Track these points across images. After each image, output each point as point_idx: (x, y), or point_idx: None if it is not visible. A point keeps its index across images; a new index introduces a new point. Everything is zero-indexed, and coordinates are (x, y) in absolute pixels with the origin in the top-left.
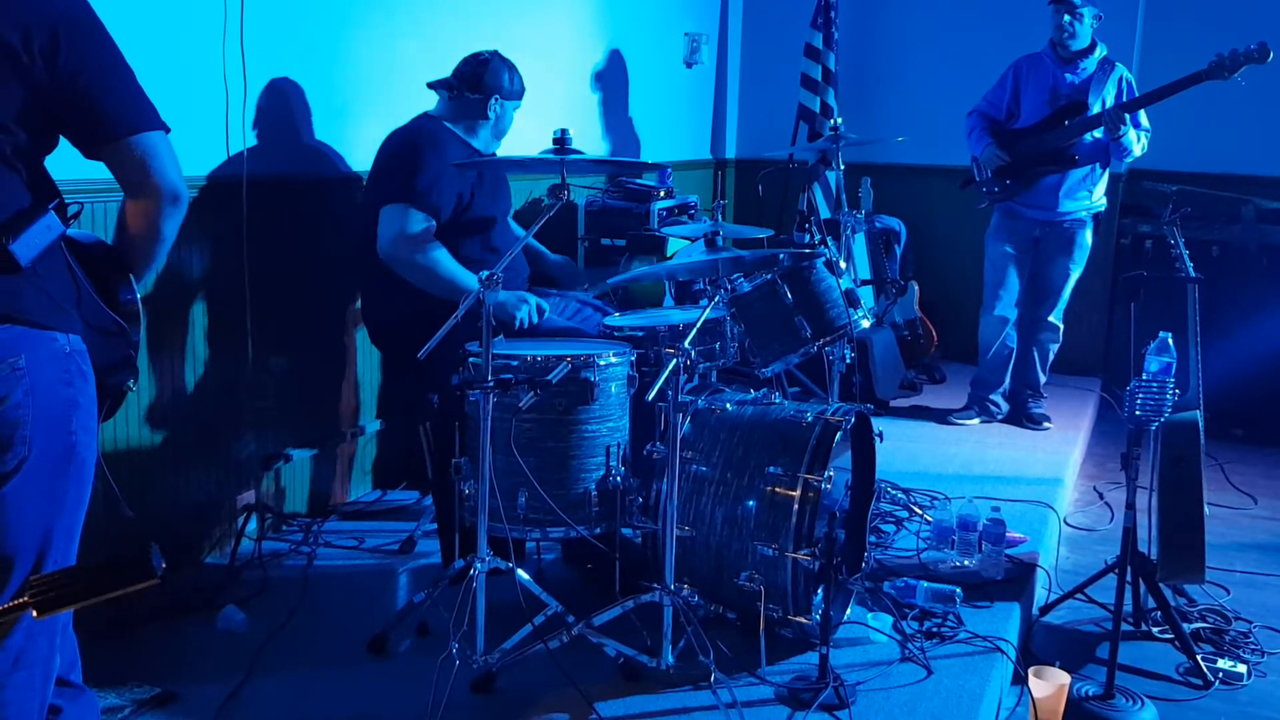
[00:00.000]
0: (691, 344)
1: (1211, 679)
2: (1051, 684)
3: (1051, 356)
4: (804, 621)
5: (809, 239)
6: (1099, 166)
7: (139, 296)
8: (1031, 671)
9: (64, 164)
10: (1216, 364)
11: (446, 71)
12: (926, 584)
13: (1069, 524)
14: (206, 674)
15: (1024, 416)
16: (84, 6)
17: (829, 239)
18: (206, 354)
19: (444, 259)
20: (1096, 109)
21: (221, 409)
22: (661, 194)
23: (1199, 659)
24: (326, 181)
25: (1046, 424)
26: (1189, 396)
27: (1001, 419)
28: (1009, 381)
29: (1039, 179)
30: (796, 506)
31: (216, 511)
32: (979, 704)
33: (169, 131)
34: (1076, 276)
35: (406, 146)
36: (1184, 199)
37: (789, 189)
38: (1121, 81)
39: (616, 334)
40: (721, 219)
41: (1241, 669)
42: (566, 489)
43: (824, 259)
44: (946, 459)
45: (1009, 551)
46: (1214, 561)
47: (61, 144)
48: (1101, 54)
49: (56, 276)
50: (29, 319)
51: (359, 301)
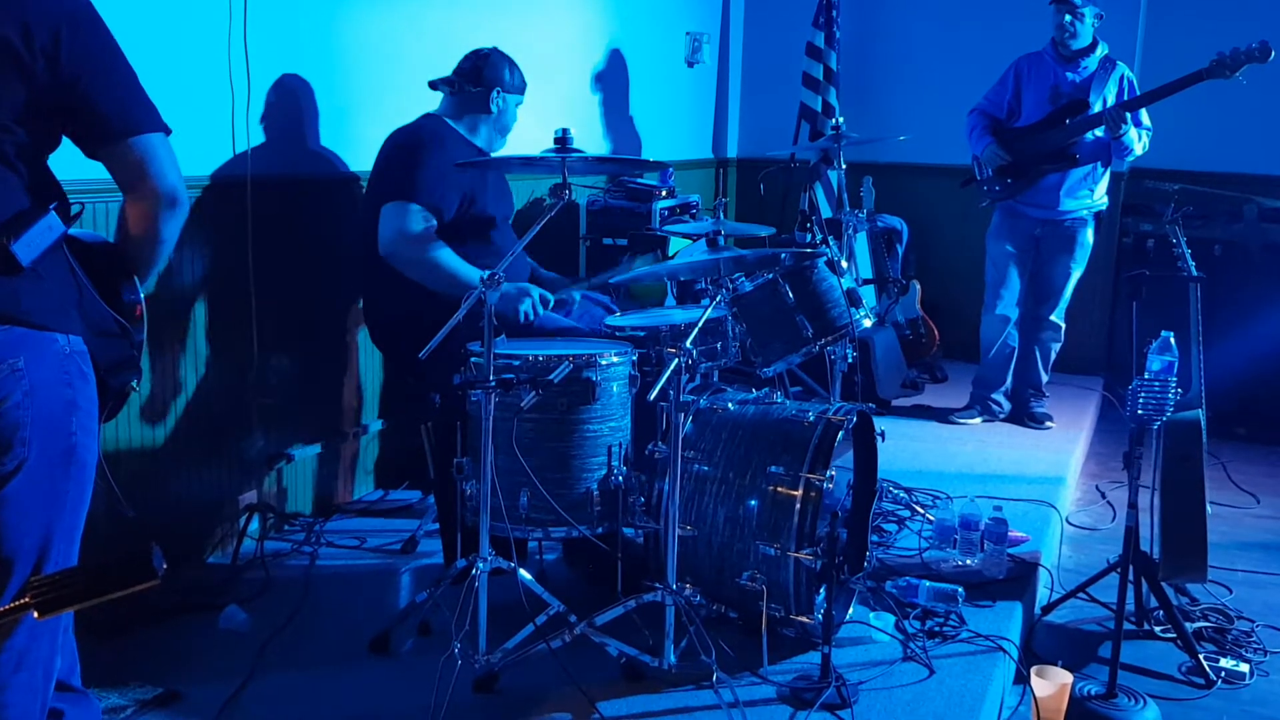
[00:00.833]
0: (693, 343)
1: (1214, 678)
2: (1054, 683)
3: (1053, 356)
4: (806, 621)
5: (810, 238)
6: (1100, 165)
7: (143, 297)
8: (1034, 671)
9: (67, 163)
10: (1219, 363)
11: (449, 71)
12: (928, 583)
13: (1071, 523)
14: (209, 673)
15: (1026, 416)
16: (87, 6)
17: (830, 238)
18: (209, 353)
19: (445, 255)
20: (1098, 108)
21: (224, 408)
22: (663, 193)
23: (1201, 658)
24: (330, 181)
25: (1049, 423)
26: (1191, 395)
27: (1003, 418)
28: (1011, 381)
29: (1040, 178)
30: (799, 506)
31: (219, 511)
32: (981, 703)
33: (170, 133)
34: (1078, 275)
35: (408, 145)
36: (1186, 198)
37: (790, 188)
38: (1123, 80)
39: (618, 334)
40: (723, 218)
41: (1244, 668)
42: (568, 489)
43: (825, 258)
44: (948, 458)
45: (1011, 551)
46: (1216, 560)
47: (64, 143)
48: (1103, 53)
49: (57, 277)
50: (29, 320)
51: (361, 301)
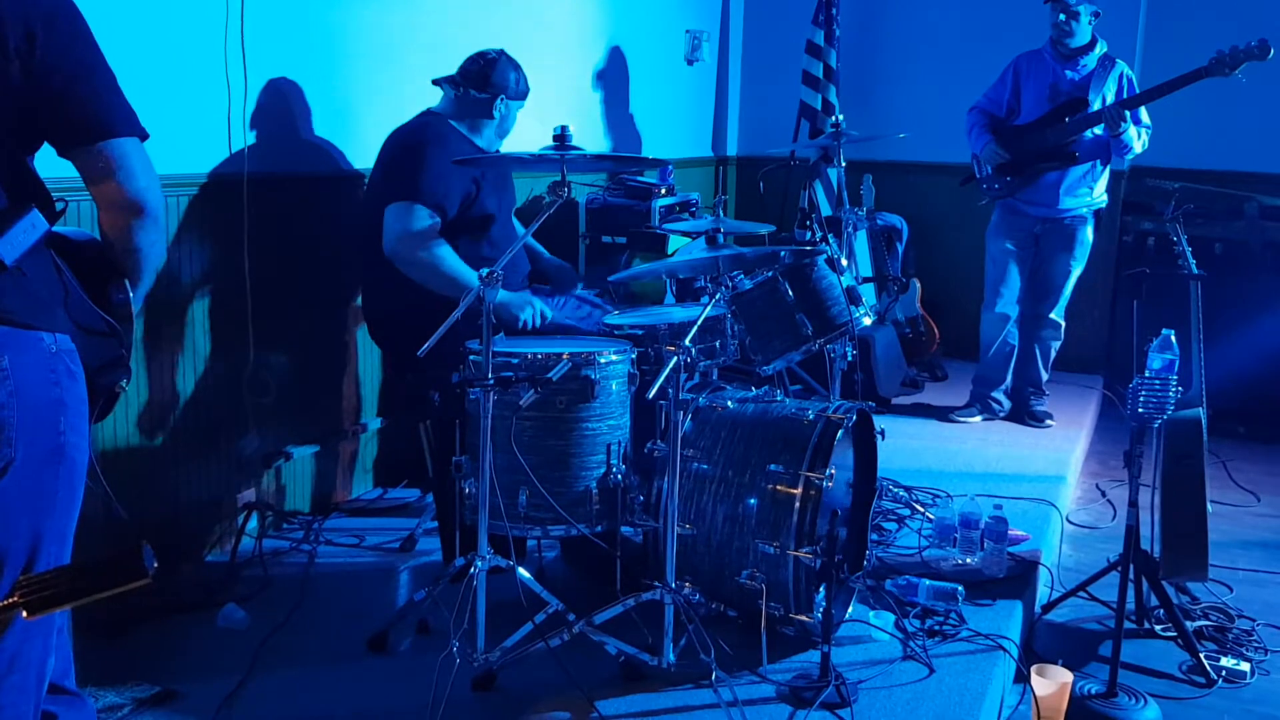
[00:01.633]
0: (692, 342)
1: (1215, 677)
2: (1054, 682)
3: (1053, 354)
4: (806, 619)
5: (810, 236)
6: (1100, 163)
7: (131, 297)
8: (1034, 670)
9: (60, 161)
10: (1219, 361)
11: (447, 69)
12: (928, 582)
13: (1071, 521)
14: (207, 672)
15: (1026, 414)
16: (66, 5)
17: (830, 236)
18: (207, 351)
19: (448, 256)
20: (1097, 106)
21: (222, 406)
22: (663, 191)
23: (1202, 657)
24: (327, 179)
25: (1049, 421)
26: (1192, 394)
27: (1004, 416)
28: (1011, 379)
29: (1040, 176)
30: (798, 504)
31: (217, 509)
32: (981, 702)
33: (146, 138)
34: (1078, 273)
35: (411, 144)
36: (1187, 196)
37: (790, 186)
38: (1122, 78)
39: (617, 332)
40: (723, 216)
41: (1245, 667)
42: (567, 487)
43: (825, 256)
44: (949, 456)
45: (1011, 549)
46: (1217, 559)
47: None
48: (1102, 50)
49: (42, 276)
50: (13, 319)
51: (360, 299)
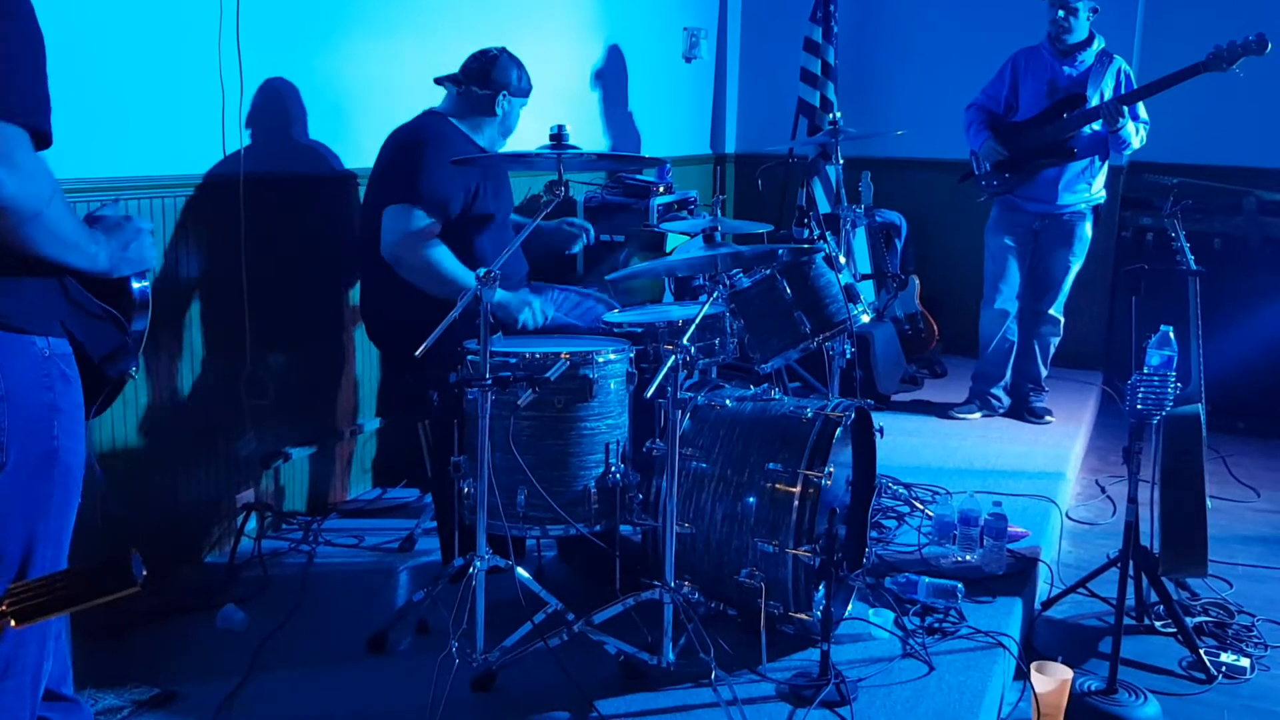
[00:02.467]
0: (691, 340)
1: (1215, 673)
2: (1054, 679)
3: (1052, 350)
4: (805, 618)
5: (808, 234)
6: (1098, 159)
7: (145, 286)
8: (1034, 666)
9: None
10: (1218, 356)
11: (445, 68)
12: (928, 579)
13: (1071, 518)
14: (206, 673)
15: (1025, 410)
16: None
17: (828, 234)
18: (205, 353)
19: (446, 259)
20: (1095, 101)
21: (220, 408)
22: (661, 189)
23: (1202, 653)
24: (324, 179)
25: (1049, 418)
26: (1190, 389)
27: (1003, 413)
28: (1010, 375)
29: (1038, 172)
30: (797, 503)
31: (216, 510)
32: (981, 700)
33: (36, 133)
34: (1077, 269)
35: (411, 145)
36: (1185, 191)
37: (789, 184)
38: (1120, 74)
39: (615, 330)
40: (721, 214)
41: (1245, 663)
42: (566, 486)
43: (823, 254)
44: (948, 453)
45: (1011, 546)
46: (1216, 555)
47: (55, 142)
48: (1099, 46)
49: (35, 278)
50: (6, 323)
51: (357, 299)
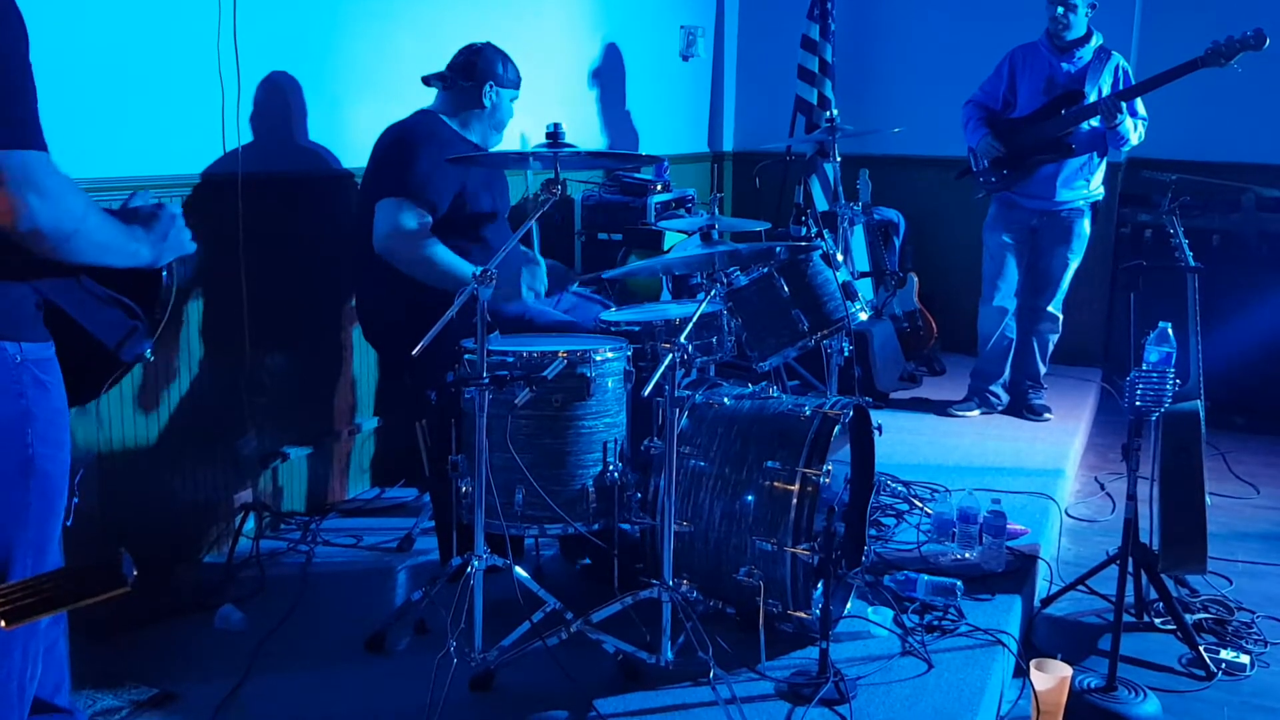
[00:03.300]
0: (688, 338)
1: (1214, 670)
2: (1053, 676)
3: (1051, 347)
4: (804, 616)
5: (805, 231)
6: (1096, 155)
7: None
8: (1033, 664)
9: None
10: (1217, 352)
11: (442, 67)
12: (927, 577)
13: (1070, 515)
14: (204, 674)
15: (1024, 407)
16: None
17: (826, 231)
18: (203, 353)
19: (440, 251)
20: (1093, 98)
21: (219, 408)
22: (658, 188)
23: (1201, 650)
24: (322, 178)
25: (1047, 415)
26: (1189, 386)
27: (1001, 410)
28: (1009, 372)
29: (1036, 169)
30: (795, 501)
31: (214, 510)
32: (980, 697)
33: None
34: (1075, 266)
35: (402, 141)
36: (1183, 188)
37: (787, 181)
38: (1118, 70)
39: (613, 329)
40: (719, 212)
41: (1244, 659)
42: (564, 485)
43: (820, 252)
44: (947, 451)
45: (1010, 544)
46: (1216, 551)
47: (59, 143)
48: (1097, 43)
49: (3, 284)
50: None
51: (355, 298)
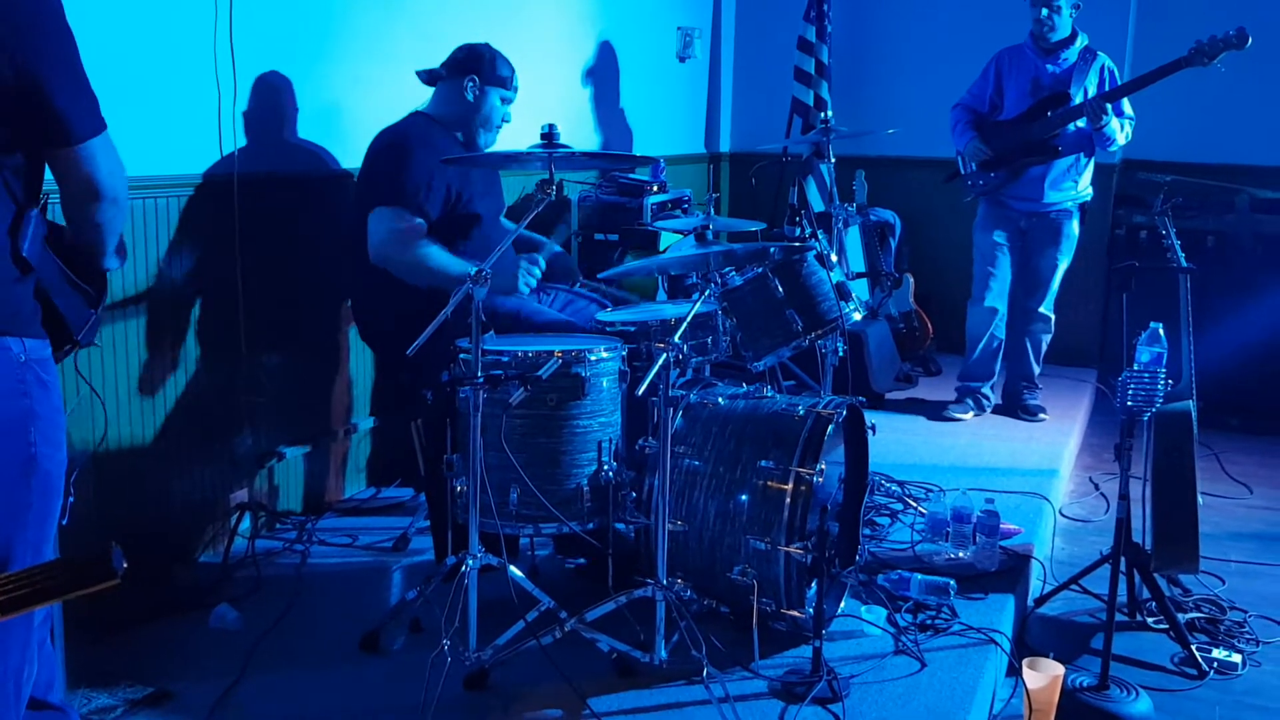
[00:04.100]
0: (683, 338)
1: (1206, 669)
2: (1046, 675)
3: (1044, 347)
4: (797, 615)
5: (800, 232)
6: (1084, 156)
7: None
8: (1026, 663)
9: None
10: (1212, 353)
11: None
12: (920, 576)
13: (1064, 515)
14: (200, 673)
15: (1019, 408)
16: (48, 12)
17: (820, 232)
18: (199, 352)
19: (434, 253)
20: (1079, 99)
21: (215, 407)
22: (654, 188)
23: (1194, 649)
24: (318, 179)
25: (1042, 415)
26: (1182, 386)
27: (993, 410)
28: (999, 374)
29: (1024, 170)
30: (789, 500)
31: (210, 510)
32: (973, 696)
33: (106, 127)
34: (1065, 267)
35: (394, 146)
36: (1178, 189)
37: (783, 182)
38: (1103, 71)
39: (608, 329)
40: (715, 213)
41: (1236, 658)
42: (559, 484)
43: (815, 252)
44: (941, 450)
45: (1003, 543)
46: (1209, 551)
47: None
48: (1082, 44)
49: (5, 276)
50: None
51: (350, 299)
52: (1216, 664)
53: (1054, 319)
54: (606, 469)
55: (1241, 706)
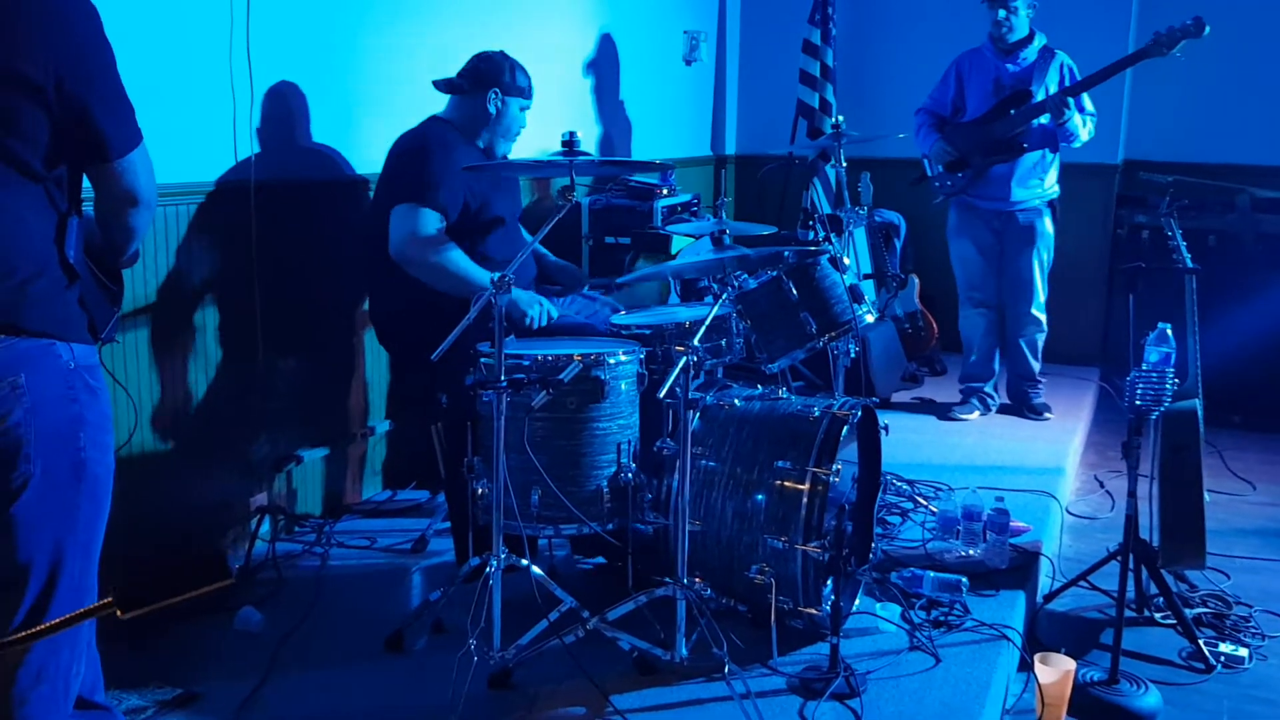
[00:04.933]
0: (700, 341)
1: (1213, 663)
2: (1057, 670)
3: (1040, 345)
4: (814, 613)
5: (813, 235)
6: (1049, 153)
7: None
8: (1037, 658)
9: None
10: (1214, 352)
11: (450, 74)
12: (933, 574)
13: (1071, 512)
14: (226, 674)
15: (1026, 408)
16: (91, 38)
17: (832, 234)
18: (218, 357)
19: (457, 257)
20: (1040, 96)
21: (233, 412)
22: (664, 192)
23: (1201, 643)
24: (334, 185)
25: (1048, 414)
26: (1188, 385)
27: (1000, 409)
28: (1002, 373)
29: (989, 170)
30: (805, 500)
31: (230, 513)
32: (987, 691)
33: (143, 138)
34: (1046, 264)
35: (415, 148)
36: (1180, 190)
37: (789, 185)
38: (1063, 68)
39: (624, 332)
40: (725, 216)
41: (1243, 652)
42: (579, 486)
43: (828, 255)
44: (949, 450)
45: (1013, 540)
46: (1214, 547)
47: None
48: (1041, 43)
49: (54, 279)
50: (29, 329)
51: (366, 303)
52: (1223, 658)
53: (1045, 318)
54: (625, 470)
55: (1248, 699)
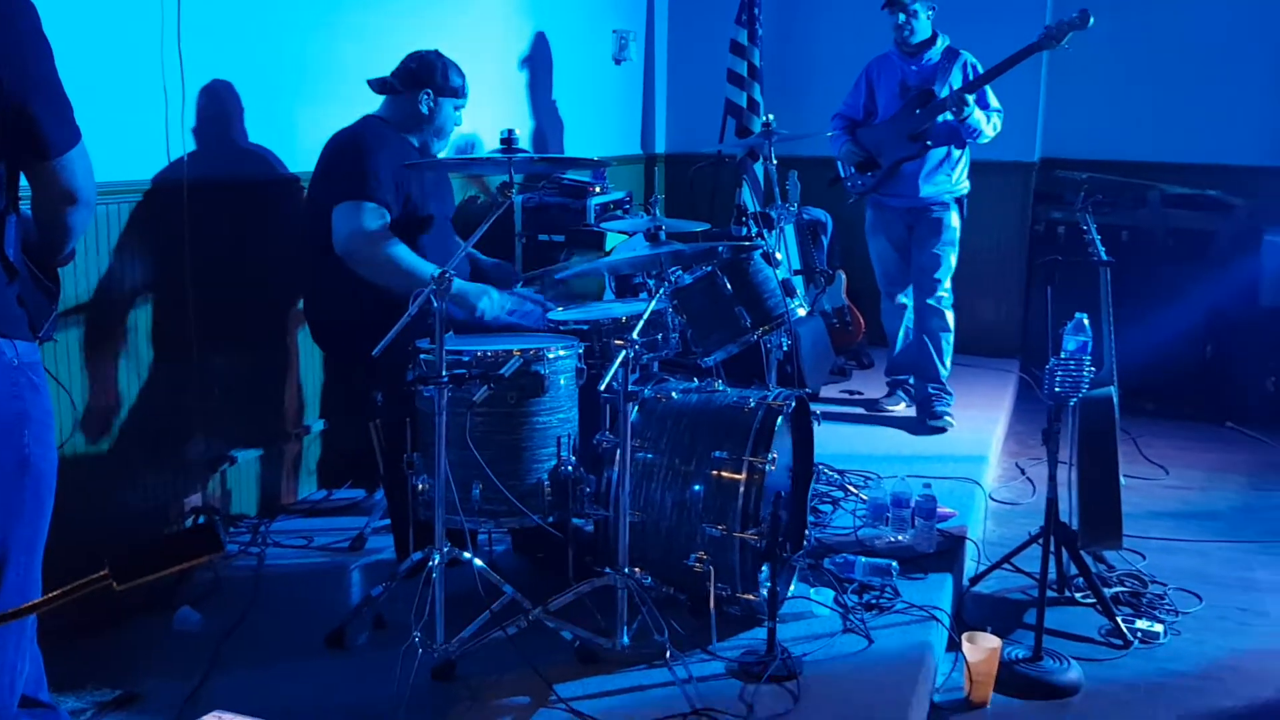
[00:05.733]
0: (638, 336)
1: (1131, 639)
2: (984, 649)
3: (946, 345)
4: (751, 598)
5: (746, 232)
6: (954, 150)
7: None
8: (965, 638)
9: None
10: (1128, 342)
11: (383, 71)
12: (864, 559)
13: (994, 499)
14: (166, 674)
15: (927, 416)
16: (29, 33)
17: (764, 231)
18: (150, 358)
19: (403, 252)
20: (944, 95)
21: (166, 413)
22: (597, 189)
23: (1119, 620)
24: (267, 183)
25: (948, 418)
26: (1104, 373)
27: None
28: (913, 378)
29: (898, 168)
30: (742, 489)
31: (164, 515)
32: (918, 669)
33: (81, 137)
34: (950, 259)
35: (353, 145)
36: (1095, 186)
37: (719, 183)
38: (966, 66)
39: (561, 328)
40: (659, 213)
41: (1158, 628)
42: (520, 479)
43: (762, 251)
44: (877, 440)
45: (940, 526)
46: (1130, 529)
47: None
48: (944, 44)
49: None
50: None
51: (301, 302)
52: (1140, 634)
53: (952, 317)
54: (565, 464)
55: (1164, 672)
